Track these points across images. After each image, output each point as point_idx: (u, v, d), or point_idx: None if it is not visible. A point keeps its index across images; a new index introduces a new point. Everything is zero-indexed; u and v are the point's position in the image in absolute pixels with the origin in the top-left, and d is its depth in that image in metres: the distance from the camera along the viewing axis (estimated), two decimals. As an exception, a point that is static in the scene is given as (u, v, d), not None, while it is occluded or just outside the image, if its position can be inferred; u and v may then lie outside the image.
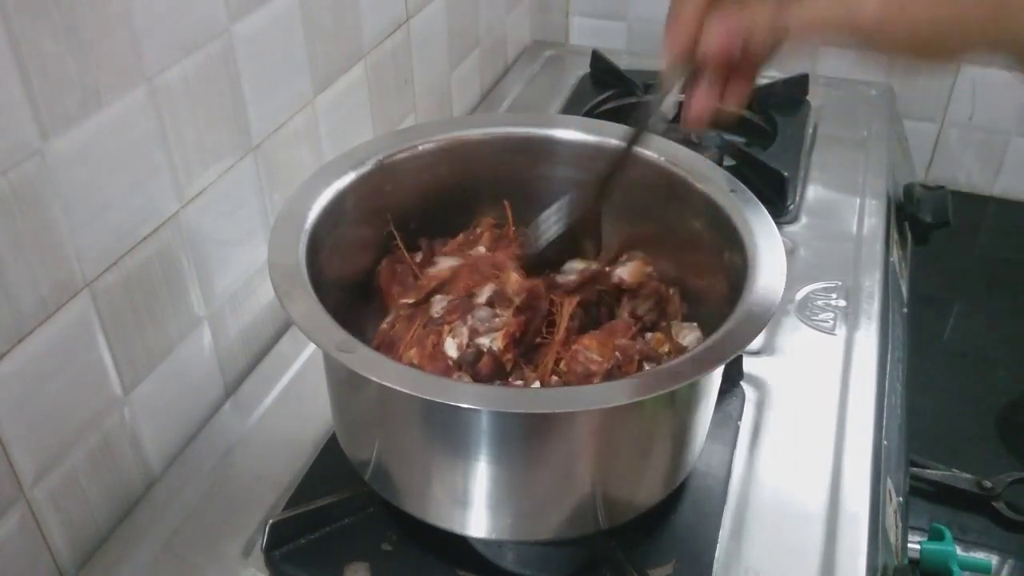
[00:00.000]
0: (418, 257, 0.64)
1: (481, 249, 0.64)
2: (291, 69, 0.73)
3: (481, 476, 0.51)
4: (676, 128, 1.05)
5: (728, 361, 0.49)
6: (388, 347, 0.57)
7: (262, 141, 0.71)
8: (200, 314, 0.68)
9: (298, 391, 0.72)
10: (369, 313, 0.61)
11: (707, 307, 0.60)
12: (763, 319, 0.49)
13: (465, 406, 0.46)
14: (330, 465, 0.63)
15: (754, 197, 0.58)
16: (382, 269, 0.63)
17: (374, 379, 0.45)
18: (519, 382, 0.55)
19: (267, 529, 0.57)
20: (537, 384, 0.55)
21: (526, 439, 0.50)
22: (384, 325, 0.60)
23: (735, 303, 0.51)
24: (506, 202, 0.66)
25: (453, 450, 0.51)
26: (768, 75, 1.13)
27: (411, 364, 0.55)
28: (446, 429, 0.50)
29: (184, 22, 0.60)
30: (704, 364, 0.48)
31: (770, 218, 0.56)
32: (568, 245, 0.62)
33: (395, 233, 0.64)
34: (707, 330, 0.57)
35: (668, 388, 0.46)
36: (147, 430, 0.64)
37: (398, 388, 0.45)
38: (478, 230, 0.66)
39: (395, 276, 0.63)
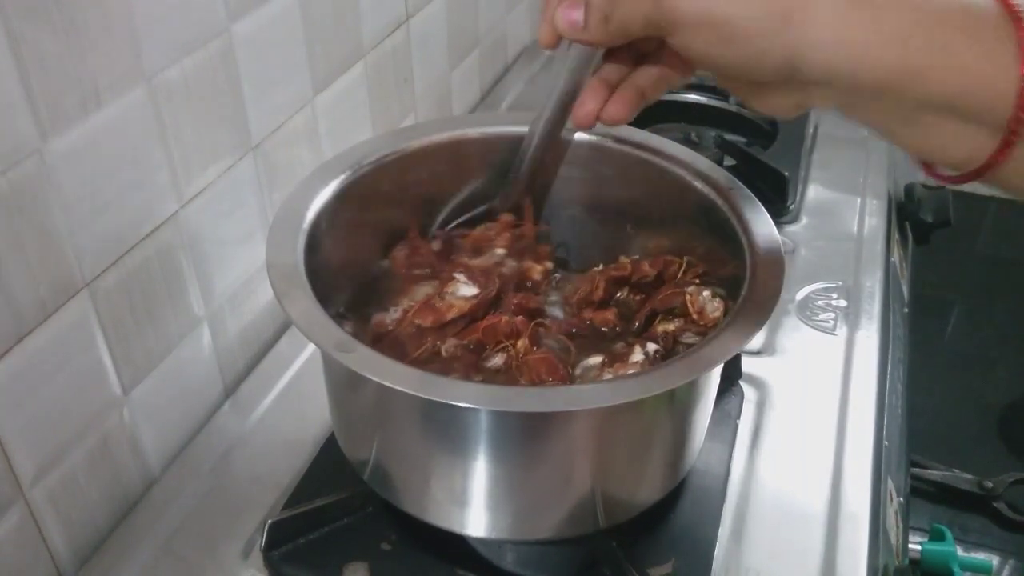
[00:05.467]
0: (436, 245, 0.64)
1: (499, 252, 0.63)
2: (291, 69, 0.73)
3: (480, 475, 0.51)
4: (676, 127, 1.06)
5: (726, 361, 0.49)
6: (390, 345, 0.57)
7: (262, 141, 0.71)
8: (199, 314, 0.68)
9: (297, 391, 0.72)
10: (368, 310, 0.61)
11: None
12: (761, 319, 0.49)
13: (464, 405, 0.46)
14: (329, 465, 0.63)
15: (752, 195, 0.58)
16: (398, 256, 0.63)
17: (375, 379, 0.45)
18: None
19: (266, 529, 0.57)
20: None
21: (525, 438, 0.50)
22: (388, 320, 0.59)
23: (734, 302, 0.51)
24: (527, 203, 0.65)
25: (452, 449, 0.50)
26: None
27: None
28: (445, 428, 0.50)
29: (184, 22, 0.60)
30: (702, 364, 0.47)
31: (768, 216, 0.56)
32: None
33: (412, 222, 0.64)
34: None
35: (666, 388, 0.46)
36: (146, 430, 0.64)
37: (398, 388, 0.45)
38: (497, 225, 0.65)
39: (413, 262, 0.63)
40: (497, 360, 0.56)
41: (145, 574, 0.58)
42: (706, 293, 0.59)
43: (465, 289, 0.59)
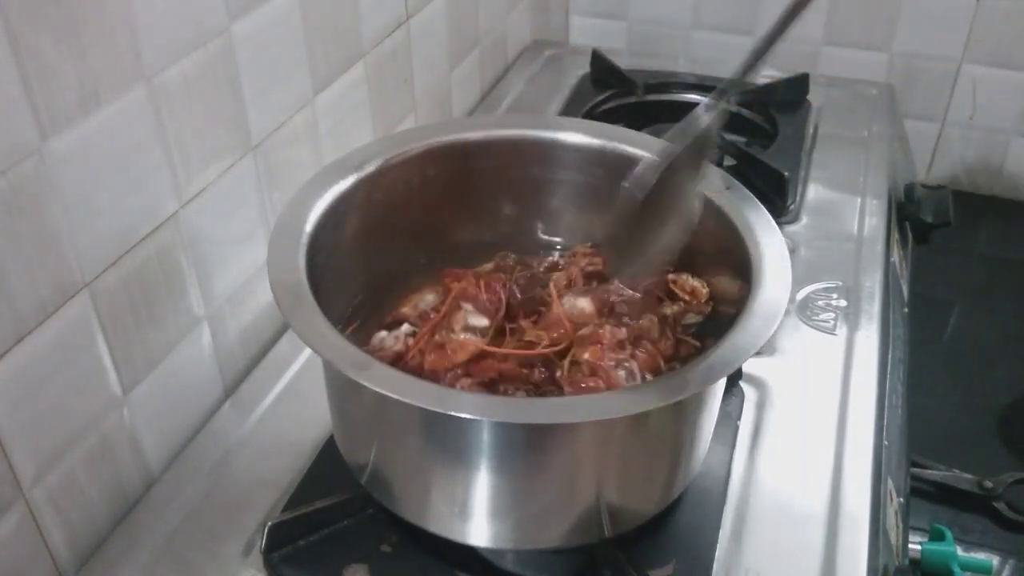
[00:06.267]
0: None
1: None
2: (291, 69, 0.73)
3: (486, 487, 0.51)
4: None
5: (734, 370, 0.48)
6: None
7: (262, 141, 0.71)
8: (199, 314, 0.68)
9: (297, 392, 0.72)
10: (368, 311, 0.61)
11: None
12: (769, 326, 0.48)
13: (471, 417, 0.46)
14: (329, 467, 0.62)
15: (750, 194, 0.58)
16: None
17: (395, 397, 0.44)
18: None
19: (266, 531, 0.57)
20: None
21: (530, 450, 0.50)
22: (389, 345, 0.57)
23: (740, 304, 0.50)
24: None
25: (460, 461, 0.50)
26: (768, 75, 1.13)
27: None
28: (453, 440, 0.50)
29: (184, 22, 0.60)
30: (709, 375, 0.47)
31: (769, 215, 0.56)
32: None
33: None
34: (713, 331, 0.57)
35: (671, 400, 0.46)
36: (146, 430, 0.64)
37: (424, 407, 0.45)
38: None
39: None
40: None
41: (145, 574, 0.58)
42: (684, 275, 0.59)
43: (474, 320, 0.56)
